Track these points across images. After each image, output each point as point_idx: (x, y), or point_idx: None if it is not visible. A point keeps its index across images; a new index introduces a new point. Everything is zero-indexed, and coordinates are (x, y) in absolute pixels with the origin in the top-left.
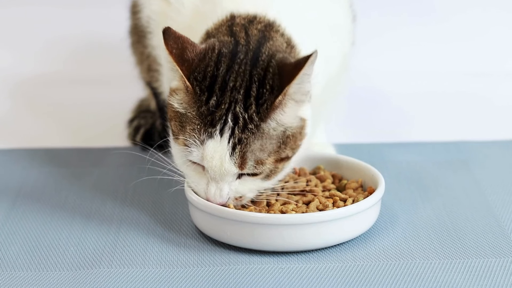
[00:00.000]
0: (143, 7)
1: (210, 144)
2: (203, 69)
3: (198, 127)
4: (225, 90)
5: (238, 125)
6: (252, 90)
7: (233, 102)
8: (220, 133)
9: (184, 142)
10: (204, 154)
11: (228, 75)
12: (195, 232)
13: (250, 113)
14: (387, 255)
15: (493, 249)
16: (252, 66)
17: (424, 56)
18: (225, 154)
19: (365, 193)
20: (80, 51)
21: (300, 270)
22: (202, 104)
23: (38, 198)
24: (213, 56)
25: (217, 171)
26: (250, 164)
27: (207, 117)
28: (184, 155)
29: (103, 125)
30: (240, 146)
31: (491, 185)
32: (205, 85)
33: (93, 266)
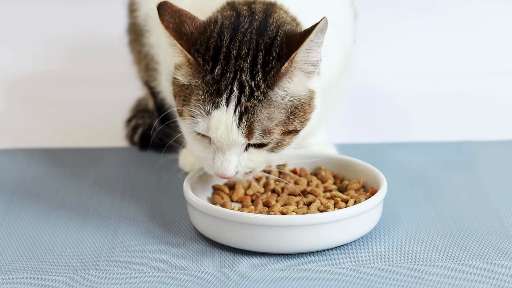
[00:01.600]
0: (140, 5)
1: (216, 113)
2: (205, 41)
3: (203, 97)
4: (229, 58)
5: (244, 94)
6: (259, 58)
7: (238, 71)
8: (226, 102)
9: (190, 113)
10: (210, 124)
11: (232, 44)
12: (194, 233)
13: (257, 80)
14: (389, 257)
15: (497, 251)
16: (259, 34)
17: (427, 55)
18: (232, 123)
19: (367, 194)
20: (78, 50)
21: (301, 272)
22: (207, 73)
23: (35, 199)
24: (216, 28)
25: (223, 141)
26: (257, 133)
27: (213, 86)
28: (190, 127)
29: (100, 124)
30: (247, 115)
31: (495, 186)
32: (209, 56)
33: (90, 268)
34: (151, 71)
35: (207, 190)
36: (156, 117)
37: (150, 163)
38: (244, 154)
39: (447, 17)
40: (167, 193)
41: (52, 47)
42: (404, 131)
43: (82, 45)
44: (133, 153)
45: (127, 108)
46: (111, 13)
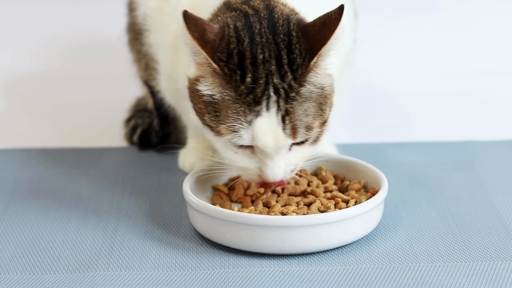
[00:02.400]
0: (139, 4)
1: (260, 122)
2: (226, 47)
3: (242, 108)
4: (256, 63)
5: (281, 96)
6: (283, 58)
7: (269, 75)
8: (266, 108)
9: (230, 129)
10: (255, 133)
11: (254, 48)
12: (194, 234)
13: (288, 81)
14: (390, 257)
15: (499, 251)
16: (273, 33)
17: (428, 55)
18: (277, 127)
19: (368, 194)
20: (76, 49)
21: (301, 273)
22: (238, 83)
23: (33, 200)
24: (231, 32)
25: (272, 147)
26: (301, 131)
27: (249, 96)
28: (232, 142)
29: (99, 124)
30: (288, 116)
31: (497, 186)
32: (234, 63)
33: (89, 269)
34: (151, 70)
35: (206, 191)
36: (156, 116)
37: (149, 163)
38: (289, 154)
39: (448, 17)
40: (167, 193)
41: (51, 46)
42: (405, 131)
43: (81, 44)
44: (132, 153)
45: (126, 107)
46: (110, 12)
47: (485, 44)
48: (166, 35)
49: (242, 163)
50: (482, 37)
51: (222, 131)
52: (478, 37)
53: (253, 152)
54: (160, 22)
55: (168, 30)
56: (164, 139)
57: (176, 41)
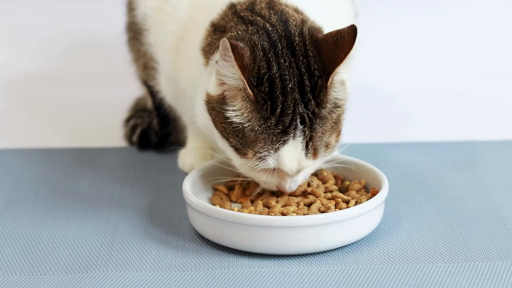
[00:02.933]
0: (139, 3)
1: (286, 150)
2: (257, 72)
3: (270, 138)
4: (285, 93)
5: (306, 125)
6: (306, 85)
7: (295, 104)
8: (293, 137)
9: (256, 156)
10: (281, 160)
11: (282, 74)
12: (194, 234)
13: (312, 108)
14: (391, 258)
15: (499, 252)
16: (293, 55)
17: (429, 55)
18: (301, 153)
19: (368, 194)
20: (75, 48)
21: (301, 273)
22: (269, 114)
23: (32, 200)
24: (261, 55)
25: (295, 170)
26: (321, 151)
27: (277, 126)
28: (256, 165)
29: (98, 124)
30: (311, 142)
31: (498, 186)
32: (264, 91)
33: (88, 269)
34: (150, 70)
35: (206, 191)
36: (155, 116)
37: (148, 163)
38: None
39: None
40: (166, 193)
41: (50, 45)
42: (405, 131)
43: (80, 44)
44: (131, 153)
45: (125, 107)
46: (108, 11)
47: (486, 43)
48: (166, 35)
49: (264, 179)
50: (483, 36)
51: (248, 156)
52: (479, 36)
53: (275, 170)
54: (160, 22)
55: (168, 29)
56: (164, 139)
57: (177, 41)
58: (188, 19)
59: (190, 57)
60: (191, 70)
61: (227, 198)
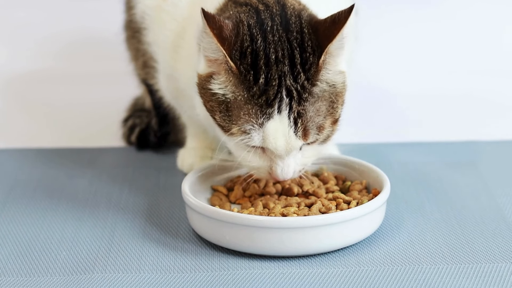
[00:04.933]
0: (137, 2)
1: (271, 125)
2: (240, 46)
3: (254, 110)
4: (269, 64)
5: (294, 98)
6: (296, 58)
7: (282, 76)
8: (278, 111)
9: (241, 130)
10: (266, 136)
11: (267, 47)
12: (193, 235)
13: (301, 82)
14: (392, 259)
15: (503, 253)
16: (286, 31)
17: (430, 55)
18: (289, 130)
19: (370, 195)
20: (73, 47)
21: (302, 275)
22: (251, 84)
23: (29, 200)
24: (245, 29)
25: (283, 149)
26: (313, 132)
27: (261, 97)
28: (243, 143)
29: (96, 124)
30: (300, 119)
31: (501, 186)
32: (247, 63)
33: (86, 271)
34: (149, 69)
35: (205, 191)
36: (154, 116)
37: (147, 163)
38: (299, 154)
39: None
40: (165, 194)
41: (47, 44)
42: (407, 131)
43: (77, 43)
44: (130, 154)
45: (123, 107)
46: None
47: (488, 43)
48: (165, 33)
49: (254, 162)
50: (485, 36)
51: (233, 132)
52: (481, 36)
53: (265, 152)
54: (158, 20)
55: (167, 28)
56: (163, 139)
57: (177, 39)
58: (187, 16)
59: (189, 55)
60: (190, 69)
61: (226, 199)
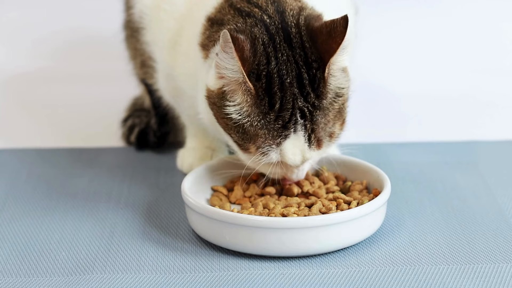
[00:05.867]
0: (136, 2)
1: (287, 144)
2: (256, 67)
3: (271, 133)
4: (283, 88)
5: (307, 118)
6: (304, 78)
7: (294, 99)
8: (294, 131)
9: (259, 150)
10: (283, 154)
11: (280, 69)
12: (193, 236)
13: (312, 101)
14: (393, 260)
15: (504, 254)
16: (290, 47)
17: (431, 54)
18: (304, 145)
19: (370, 195)
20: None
21: (302, 275)
22: (267, 109)
23: (28, 201)
24: (261, 49)
25: (299, 162)
26: (325, 141)
27: (277, 121)
28: (259, 159)
29: (96, 124)
30: (314, 133)
31: (502, 187)
32: (262, 87)
33: (85, 271)
34: (147, 68)
35: (205, 192)
36: (153, 115)
37: (147, 163)
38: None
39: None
40: (165, 194)
41: (46, 44)
42: (408, 131)
43: (77, 42)
44: (129, 154)
45: (123, 107)
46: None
47: (489, 43)
48: (163, 33)
49: (269, 172)
50: (486, 36)
51: (250, 150)
52: (482, 36)
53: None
54: (157, 20)
55: (165, 27)
56: (162, 139)
57: (174, 37)
58: (184, 13)
59: (187, 53)
60: (188, 67)
61: (226, 199)
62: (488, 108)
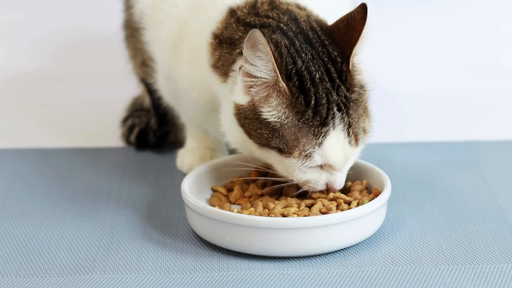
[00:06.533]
0: (136, 1)
1: (329, 141)
2: (285, 68)
3: (311, 132)
4: (315, 84)
5: (343, 111)
6: (332, 72)
7: (328, 94)
8: (333, 127)
9: (302, 154)
10: (326, 154)
11: (308, 67)
12: (192, 236)
13: (343, 93)
14: (393, 260)
15: (504, 254)
16: (311, 47)
17: (432, 54)
18: (345, 142)
19: (371, 195)
20: (72, 46)
21: (302, 276)
22: (304, 107)
23: (28, 201)
24: (285, 51)
25: (342, 162)
26: (361, 137)
27: (315, 119)
28: (302, 164)
29: (96, 124)
30: (351, 128)
31: (502, 187)
32: (295, 85)
33: (85, 272)
34: (147, 68)
35: (205, 192)
36: (153, 115)
37: (147, 163)
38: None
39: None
40: (165, 194)
41: (46, 44)
42: (408, 131)
43: (77, 42)
44: (129, 154)
45: (123, 107)
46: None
47: (489, 43)
48: (162, 34)
49: (313, 179)
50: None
51: (295, 154)
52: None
53: (321, 167)
54: (156, 20)
55: (165, 28)
56: (162, 139)
57: (174, 39)
58: (185, 17)
59: (188, 57)
60: (189, 71)
61: (226, 199)
62: (488, 108)
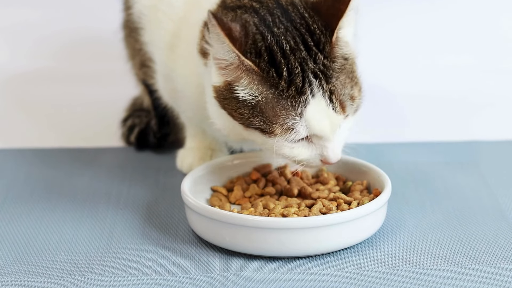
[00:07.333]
0: (135, 2)
1: (310, 110)
2: (253, 45)
3: (289, 103)
4: (286, 55)
5: (321, 78)
6: (308, 42)
7: (302, 62)
8: (311, 95)
9: (284, 128)
10: (309, 123)
11: (278, 40)
12: (192, 236)
13: (321, 61)
14: (394, 260)
15: (505, 254)
16: (289, 21)
17: (432, 54)
18: (328, 109)
19: (371, 195)
20: (72, 46)
21: (302, 276)
22: (276, 79)
23: (27, 201)
24: (253, 29)
25: (328, 130)
26: (348, 104)
27: (290, 88)
28: (289, 139)
29: (96, 124)
30: (333, 95)
31: (503, 187)
32: (265, 60)
33: (84, 272)
34: (146, 68)
35: (205, 192)
36: (153, 116)
37: (147, 163)
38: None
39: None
40: (165, 194)
41: (46, 44)
42: (409, 131)
43: (77, 42)
44: (129, 154)
45: (123, 107)
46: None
47: (489, 43)
48: (161, 33)
49: (301, 156)
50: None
51: (276, 131)
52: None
53: (310, 141)
54: (155, 20)
55: (163, 28)
56: (162, 139)
57: (172, 39)
58: (182, 16)
59: (185, 55)
60: (187, 69)
61: (226, 199)
62: (488, 108)
